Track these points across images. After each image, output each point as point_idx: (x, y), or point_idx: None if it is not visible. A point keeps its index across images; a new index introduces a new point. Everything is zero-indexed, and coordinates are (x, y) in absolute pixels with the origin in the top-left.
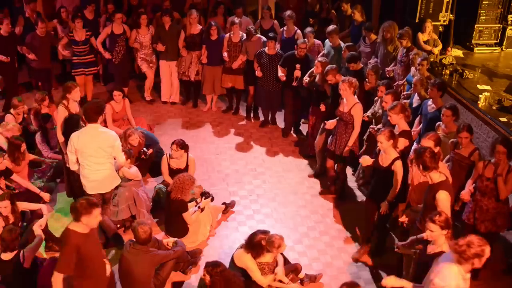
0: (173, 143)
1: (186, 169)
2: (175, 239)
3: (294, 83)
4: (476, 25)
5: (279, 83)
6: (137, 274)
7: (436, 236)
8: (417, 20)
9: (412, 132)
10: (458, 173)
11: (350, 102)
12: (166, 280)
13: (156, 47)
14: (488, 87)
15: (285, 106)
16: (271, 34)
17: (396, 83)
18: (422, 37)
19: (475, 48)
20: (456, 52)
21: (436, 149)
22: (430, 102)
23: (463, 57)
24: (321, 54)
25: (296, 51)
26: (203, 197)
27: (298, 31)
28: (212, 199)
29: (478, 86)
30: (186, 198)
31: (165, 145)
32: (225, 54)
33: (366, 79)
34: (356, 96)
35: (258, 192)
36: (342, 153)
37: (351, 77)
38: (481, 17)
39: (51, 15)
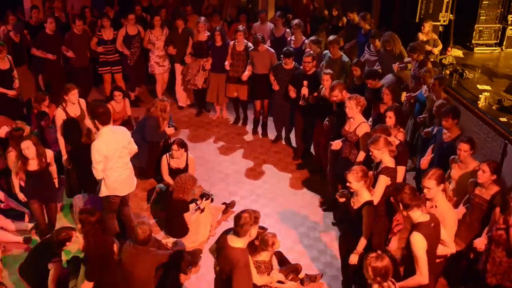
0: (173, 142)
1: (186, 168)
2: (175, 239)
3: (301, 102)
4: (476, 25)
5: (289, 101)
6: (138, 274)
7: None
8: (417, 20)
9: (422, 162)
10: (479, 218)
11: (356, 121)
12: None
13: (167, 49)
14: (488, 87)
15: (295, 129)
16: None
17: (409, 94)
18: (422, 37)
19: (475, 48)
20: (456, 52)
21: (441, 187)
22: (445, 130)
23: (463, 57)
24: (321, 66)
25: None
26: (204, 198)
27: (307, 41)
28: (212, 200)
29: (478, 86)
30: (188, 198)
31: None
32: (226, 62)
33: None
34: (371, 118)
35: (258, 192)
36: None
37: (358, 94)
38: (481, 17)
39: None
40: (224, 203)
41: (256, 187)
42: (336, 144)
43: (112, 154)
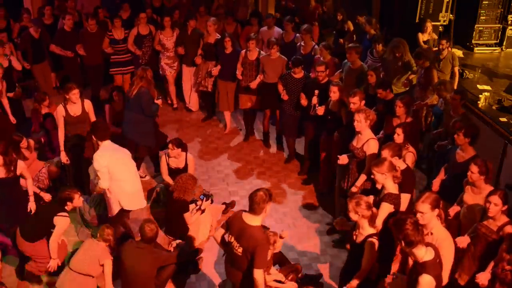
0: (169, 142)
1: (185, 168)
2: (179, 241)
3: (312, 112)
4: (476, 25)
5: (299, 110)
6: (140, 273)
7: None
8: (417, 20)
9: (433, 183)
10: (484, 250)
11: (364, 136)
12: (167, 281)
13: (177, 49)
14: (488, 87)
15: (305, 141)
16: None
17: (418, 102)
18: (422, 37)
19: (475, 48)
20: (456, 52)
21: (435, 212)
22: (459, 150)
23: (463, 57)
24: (336, 75)
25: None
26: (204, 199)
27: (316, 47)
28: (212, 201)
29: (478, 86)
30: (188, 198)
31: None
32: (237, 72)
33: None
34: (383, 131)
35: None
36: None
37: (368, 108)
38: (481, 17)
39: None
40: (224, 203)
41: (256, 187)
42: (343, 159)
43: (115, 162)
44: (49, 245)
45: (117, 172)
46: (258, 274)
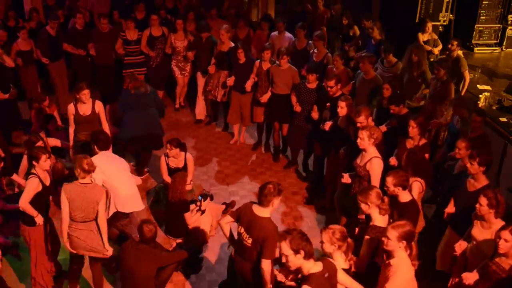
0: (167, 142)
1: (184, 168)
2: (179, 240)
3: (322, 126)
4: (476, 25)
5: (310, 123)
6: (140, 273)
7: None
8: (417, 20)
9: (445, 213)
10: None
11: (368, 154)
12: (167, 281)
13: (187, 54)
14: (488, 87)
15: (314, 156)
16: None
17: (434, 120)
18: (422, 37)
19: (475, 48)
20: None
21: (402, 244)
22: (470, 177)
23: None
24: (348, 86)
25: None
26: (202, 200)
27: (329, 55)
28: (212, 198)
29: (478, 86)
30: (186, 197)
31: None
32: (248, 83)
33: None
34: (395, 153)
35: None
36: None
37: (374, 126)
38: (481, 17)
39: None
40: (224, 203)
41: (256, 187)
42: (346, 178)
43: (111, 170)
44: (21, 207)
45: (111, 176)
46: (265, 264)
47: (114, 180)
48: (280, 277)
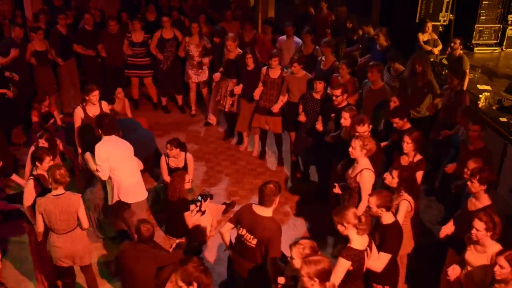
0: (167, 142)
1: (184, 168)
2: (179, 241)
3: (327, 138)
4: (476, 25)
5: (314, 135)
6: (139, 273)
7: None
8: (417, 20)
9: (441, 231)
10: None
11: (359, 166)
12: (167, 281)
13: (203, 60)
14: (488, 87)
15: (317, 168)
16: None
17: (444, 131)
18: (422, 37)
19: (475, 48)
20: None
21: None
22: (472, 197)
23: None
24: (354, 96)
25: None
26: (203, 200)
27: (336, 63)
28: (211, 198)
29: (478, 86)
30: (185, 196)
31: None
32: (256, 91)
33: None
34: (390, 170)
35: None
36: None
37: (369, 137)
38: (481, 17)
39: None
40: (224, 203)
41: (256, 187)
42: (337, 189)
43: (116, 158)
44: (25, 210)
45: (115, 164)
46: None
47: (118, 169)
48: (280, 280)
